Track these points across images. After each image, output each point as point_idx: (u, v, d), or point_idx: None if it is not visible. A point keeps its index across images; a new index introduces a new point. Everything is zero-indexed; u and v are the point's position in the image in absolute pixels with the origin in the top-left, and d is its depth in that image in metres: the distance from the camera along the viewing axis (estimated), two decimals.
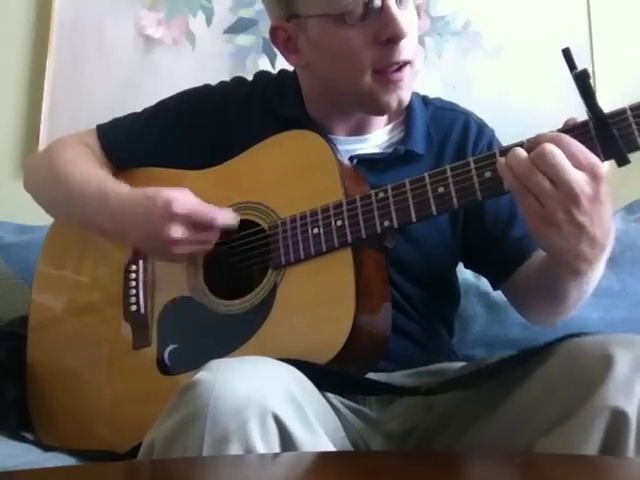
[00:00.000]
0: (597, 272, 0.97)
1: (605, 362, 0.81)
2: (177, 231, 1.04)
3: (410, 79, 1.07)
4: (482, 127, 1.21)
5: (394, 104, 1.07)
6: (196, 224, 1.05)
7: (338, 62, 1.07)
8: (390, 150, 1.15)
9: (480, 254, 1.18)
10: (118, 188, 1.13)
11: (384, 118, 1.18)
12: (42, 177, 1.27)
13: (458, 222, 1.15)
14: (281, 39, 1.13)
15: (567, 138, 0.87)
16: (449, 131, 1.19)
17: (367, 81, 1.05)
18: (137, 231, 1.09)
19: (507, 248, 1.14)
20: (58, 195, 1.22)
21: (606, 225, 0.89)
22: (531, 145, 0.89)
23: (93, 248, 1.21)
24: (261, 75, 1.28)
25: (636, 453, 0.78)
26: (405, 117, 1.18)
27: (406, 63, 1.05)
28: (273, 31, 1.14)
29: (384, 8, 1.02)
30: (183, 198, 1.06)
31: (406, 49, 1.04)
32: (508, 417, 0.90)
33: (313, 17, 1.06)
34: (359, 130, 1.17)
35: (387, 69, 1.05)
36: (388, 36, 1.03)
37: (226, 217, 1.07)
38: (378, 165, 1.13)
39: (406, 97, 1.08)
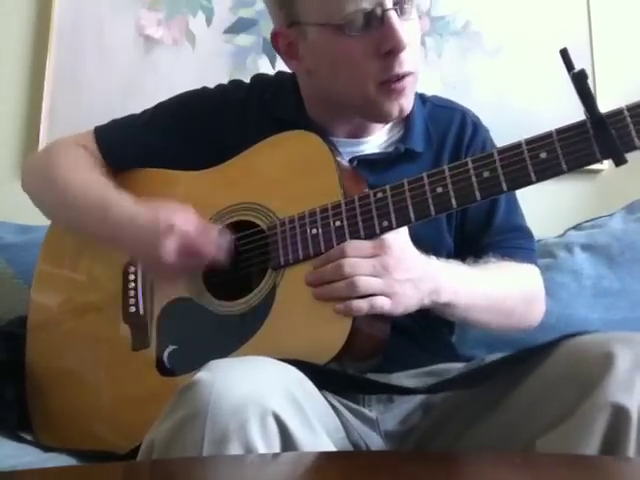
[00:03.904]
0: (453, 289, 1.01)
1: (605, 359, 0.81)
2: (170, 251, 1.04)
3: (412, 87, 1.07)
4: (477, 126, 1.21)
5: (395, 112, 1.07)
6: (190, 251, 1.05)
7: (339, 71, 1.06)
8: (390, 149, 1.15)
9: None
10: (121, 198, 1.13)
11: None
12: (40, 182, 1.27)
13: (452, 221, 1.16)
14: (282, 44, 1.12)
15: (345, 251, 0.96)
16: (447, 129, 1.19)
17: (370, 91, 1.05)
18: (135, 244, 1.09)
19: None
20: (57, 202, 1.22)
21: (405, 267, 0.96)
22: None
23: (92, 249, 1.21)
24: (258, 78, 1.27)
25: (637, 449, 0.78)
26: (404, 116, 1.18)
27: (408, 74, 1.05)
28: (274, 36, 1.13)
29: (385, 20, 1.01)
30: (184, 221, 1.06)
31: (407, 61, 1.03)
32: (508, 416, 0.91)
33: (313, 25, 1.05)
34: (360, 133, 1.17)
35: (390, 80, 1.04)
36: (389, 48, 1.02)
37: (217, 255, 1.06)
38: (378, 165, 1.13)
39: (407, 105, 1.08)
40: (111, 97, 1.89)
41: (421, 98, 1.23)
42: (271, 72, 1.30)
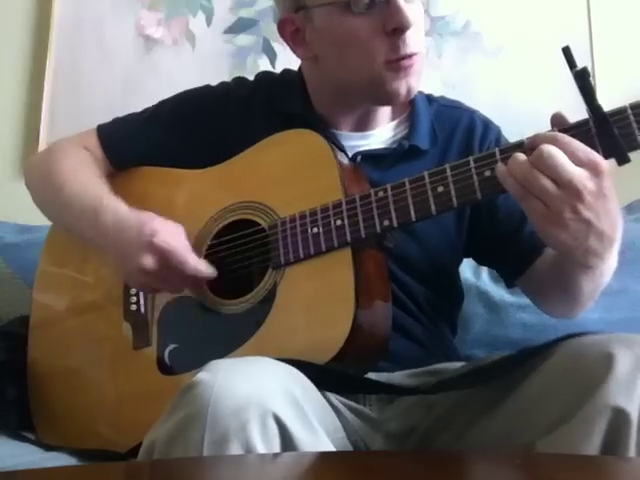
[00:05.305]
0: (609, 263, 0.97)
1: (606, 361, 0.80)
2: (149, 262, 1.04)
3: (419, 68, 1.07)
4: (488, 124, 1.21)
5: (403, 92, 1.07)
6: (170, 265, 1.05)
7: (346, 52, 1.07)
8: (395, 146, 1.15)
9: (495, 251, 1.18)
10: (114, 205, 1.12)
11: (388, 114, 1.18)
12: (40, 184, 1.27)
13: (463, 220, 1.15)
14: (289, 32, 1.13)
15: (564, 137, 0.87)
16: (454, 129, 1.19)
17: (377, 69, 1.05)
18: (117, 250, 1.09)
19: (522, 243, 1.13)
20: (54, 204, 1.23)
21: (613, 219, 0.90)
22: (530, 145, 0.89)
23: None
24: (264, 75, 1.27)
25: (637, 452, 0.77)
26: (409, 114, 1.19)
27: (414, 54, 1.05)
28: (281, 24, 1.14)
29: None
30: (169, 235, 1.06)
31: (413, 41, 1.04)
32: (509, 416, 0.90)
33: (320, 6, 1.06)
34: (364, 126, 1.17)
35: (397, 59, 1.04)
36: (394, 26, 1.03)
37: (198, 267, 1.06)
38: (383, 161, 1.13)
39: (415, 85, 1.08)
40: (111, 97, 1.89)
41: (427, 98, 1.23)
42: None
